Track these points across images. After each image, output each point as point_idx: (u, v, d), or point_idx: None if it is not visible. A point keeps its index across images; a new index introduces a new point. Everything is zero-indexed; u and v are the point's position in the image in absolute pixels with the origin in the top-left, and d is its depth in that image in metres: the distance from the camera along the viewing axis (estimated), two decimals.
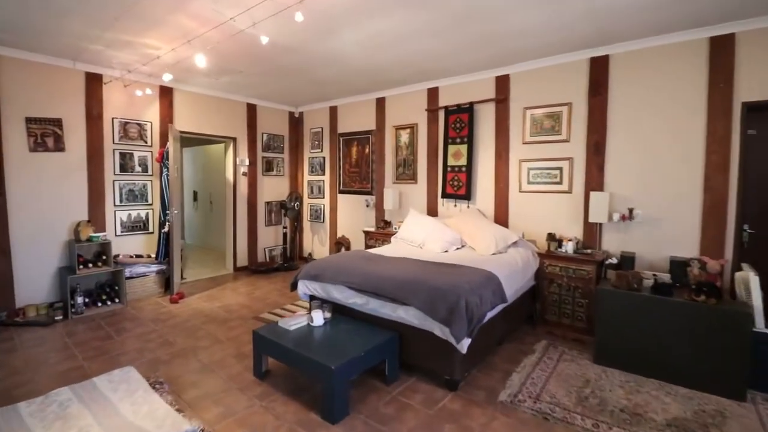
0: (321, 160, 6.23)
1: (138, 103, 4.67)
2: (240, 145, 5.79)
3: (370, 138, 5.53)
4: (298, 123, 6.60)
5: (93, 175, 4.34)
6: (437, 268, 2.98)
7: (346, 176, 5.87)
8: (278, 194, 6.36)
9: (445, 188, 4.66)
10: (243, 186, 5.86)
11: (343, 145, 5.88)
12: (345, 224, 5.95)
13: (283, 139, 6.39)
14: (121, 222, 4.59)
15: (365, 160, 5.61)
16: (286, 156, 6.47)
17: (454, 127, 4.55)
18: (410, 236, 4.21)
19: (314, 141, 6.33)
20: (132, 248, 4.67)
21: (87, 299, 4.09)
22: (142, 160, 4.72)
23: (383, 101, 5.34)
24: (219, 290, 4.87)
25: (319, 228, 6.35)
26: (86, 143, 4.28)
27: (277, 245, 6.37)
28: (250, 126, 5.90)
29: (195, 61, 3.23)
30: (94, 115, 4.32)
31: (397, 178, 5.23)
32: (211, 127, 5.43)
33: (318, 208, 6.32)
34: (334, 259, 3.35)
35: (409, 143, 5.07)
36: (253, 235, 6.02)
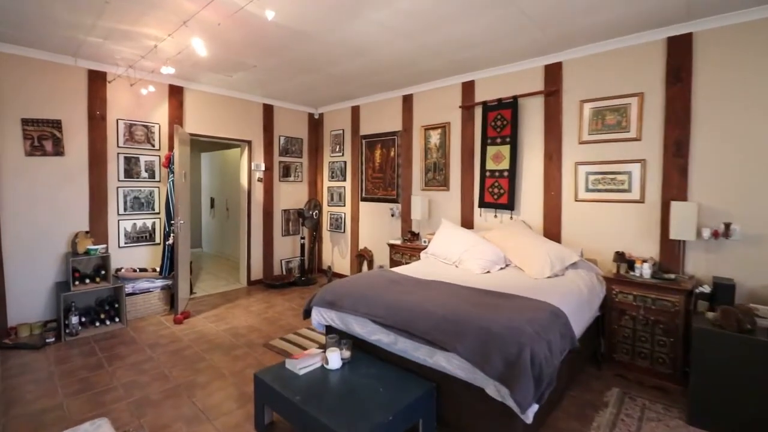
0: (342, 165, 5.73)
1: (145, 104, 4.31)
2: (255, 149, 5.37)
3: (395, 140, 4.99)
4: (317, 125, 6.14)
5: (95, 181, 3.98)
6: (483, 297, 2.38)
7: (369, 182, 5.34)
8: (296, 201, 5.90)
9: (483, 196, 4.04)
10: (258, 193, 5.43)
11: (366, 149, 5.37)
12: (367, 235, 5.41)
13: (301, 142, 5.95)
14: (125, 232, 4.21)
15: (390, 164, 5.07)
16: (304, 161, 6.01)
17: (494, 126, 3.94)
18: (443, 252, 3.61)
19: (335, 144, 5.85)
20: (136, 261, 4.29)
21: (84, 318, 3.71)
22: (148, 165, 4.35)
23: (410, 99, 4.79)
24: (229, 308, 4.41)
25: (339, 239, 5.84)
26: (88, 147, 3.93)
27: (295, 257, 5.89)
28: (267, 128, 5.47)
29: (193, 46, 2.77)
30: (96, 117, 3.97)
31: (426, 184, 4.66)
32: (225, 130, 5.03)
33: (338, 217, 5.81)
34: (354, 283, 2.80)
35: (440, 145, 4.50)
36: (269, 246, 5.57)
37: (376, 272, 3.15)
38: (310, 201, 5.54)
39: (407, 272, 3.17)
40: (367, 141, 5.34)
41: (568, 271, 3.02)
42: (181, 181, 4.06)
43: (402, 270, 3.27)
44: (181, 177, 4.09)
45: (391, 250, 4.50)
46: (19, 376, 2.86)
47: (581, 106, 3.43)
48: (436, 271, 3.21)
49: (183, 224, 4.03)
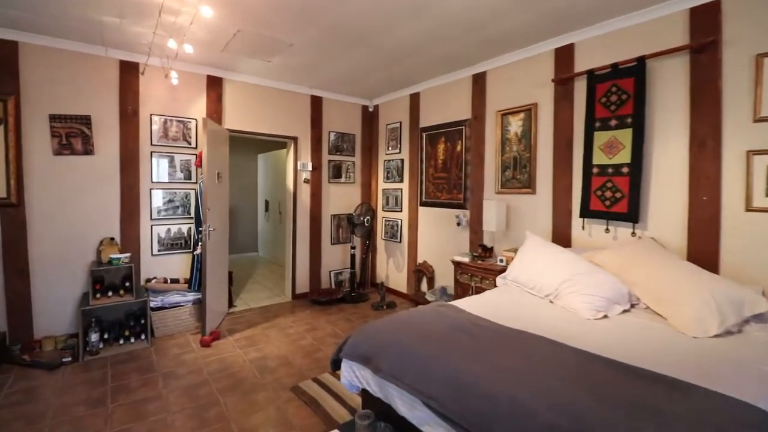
0: (398, 164, 4.92)
1: (181, 97, 3.90)
2: (302, 147, 4.78)
3: (463, 131, 4.04)
4: (372, 119, 5.40)
5: (126, 182, 3.63)
6: (622, 380, 1.37)
7: (430, 184, 4.45)
8: (347, 205, 5.21)
9: (587, 201, 2.93)
10: (305, 195, 4.83)
11: (427, 143, 4.48)
12: (428, 246, 4.51)
13: (354, 138, 5.24)
14: (159, 239, 3.82)
15: (456, 161, 4.13)
16: (357, 159, 5.30)
17: (605, 103, 2.82)
18: (532, 279, 2.61)
19: (391, 140, 5.05)
20: (170, 270, 3.88)
21: (108, 334, 3.34)
22: (184, 164, 3.93)
23: (482, 78, 3.81)
24: (266, 328, 3.81)
25: (395, 249, 5.02)
26: (119, 145, 3.59)
27: (345, 268, 5.20)
28: (315, 123, 4.85)
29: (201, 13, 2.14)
30: (128, 112, 3.62)
31: (502, 185, 3.64)
32: (268, 125, 4.49)
33: (394, 224, 5.00)
34: (400, 327, 1.94)
35: (523, 134, 3.46)
36: (317, 256, 4.94)
37: (436, 310, 2.24)
38: (361, 205, 4.79)
39: (480, 310, 2.23)
40: (428, 134, 4.46)
41: (749, 325, 1.85)
42: (213, 183, 3.55)
43: (472, 306, 2.34)
44: (214, 178, 3.58)
45: (456, 270, 3.56)
46: (15, 407, 2.47)
47: (758, 64, 2.20)
48: (522, 311, 2.23)
49: (214, 231, 3.51)
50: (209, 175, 3.42)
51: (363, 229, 4.78)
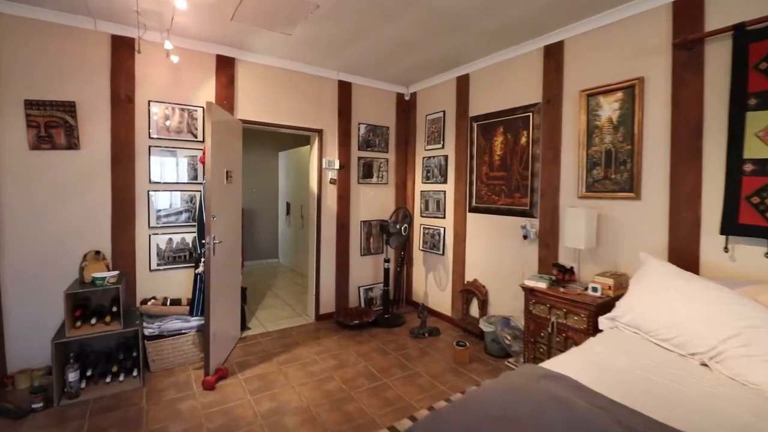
0: (441, 161, 4.12)
1: (186, 81, 3.25)
2: (328, 141, 4.06)
3: (529, 118, 3.21)
4: (409, 109, 4.63)
5: (119, 183, 3.00)
6: None
7: (483, 185, 3.64)
8: (380, 210, 4.46)
9: (734, 212, 2.06)
10: (331, 198, 4.11)
11: (480, 136, 3.67)
12: (479, 262, 3.70)
13: (387, 131, 4.49)
14: (158, 251, 3.19)
15: (519, 156, 3.31)
16: (391, 156, 4.55)
17: (766, 70, 1.95)
18: (665, 328, 1.77)
19: (432, 132, 4.27)
20: (171, 289, 3.24)
21: (92, 370, 2.71)
22: (190, 162, 3.29)
23: (559, 50, 2.97)
24: (282, 364, 3.11)
25: (436, 262, 4.23)
26: (110, 138, 2.97)
27: (376, 283, 4.46)
28: (343, 113, 4.13)
29: None
30: (122, 98, 2.99)
31: (589, 188, 2.79)
32: (289, 115, 3.80)
33: (435, 233, 4.21)
34: (486, 420, 1.16)
35: (621, 119, 2.61)
36: (344, 269, 4.21)
37: (539, 388, 1.43)
38: (397, 211, 4.03)
39: (596, 382, 1.42)
40: (481, 125, 3.65)
41: None
42: (220, 185, 2.87)
43: (584, 373, 1.52)
44: (222, 178, 2.91)
45: (528, 298, 2.74)
46: None
47: None
48: (665, 386, 1.42)
49: (221, 245, 2.83)
50: (215, 175, 2.73)
51: (399, 238, 4.02)
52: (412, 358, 3.22)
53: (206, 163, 2.65)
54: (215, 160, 2.74)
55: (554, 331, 2.54)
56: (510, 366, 3.02)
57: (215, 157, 2.73)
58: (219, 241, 2.78)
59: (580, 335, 2.39)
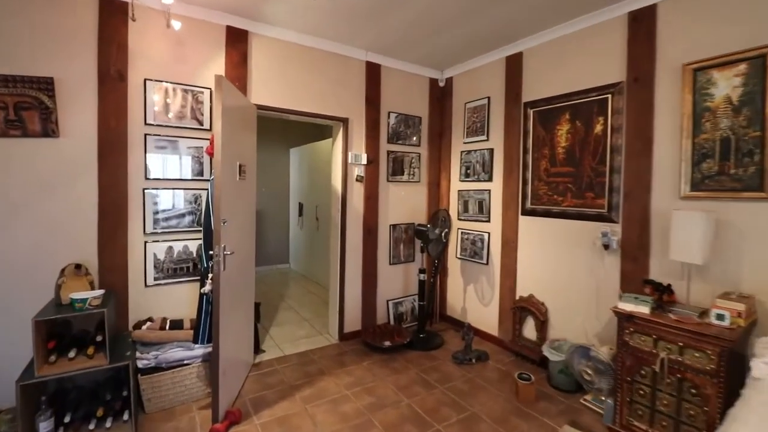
0: (485, 156, 3.55)
1: (190, 57, 2.70)
2: (354, 132, 3.50)
3: (607, 102, 2.64)
4: (443, 96, 4.06)
5: (108, 180, 2.45)
6: None
7: (541, 183, 3.06)
8: (411, 212, 3.90)
9: None
10: (357, 198, 3.54)
11: (537, 124, 3.10)
12: (538, 274, 3.12)
13: (419, 122, 3.92)
14: (156, 261, 2.63)
15: (593, 148, 2.73)
16: (423, 150, 3.98)
17: None
18: None
19: (473, 123, 3.69)
20: (172, 307, 2.69)
21: (73, 413, 2.15)
22: (195, 155, 2.73)
23: (651, 14, 2.40)
24: (307, 401, 2.54)
25: (477, 273, 3.66)
26: (97, 124, 2.42)
27: (407, 296, 3.89)
28: (371, 100, 3.56)
29: None
30: (111, 75, 2.44)
31: (696, 186, 2.21)
32: (310, 101, 3.24)
33: (477, 239, 3.64)
34: None
35: (744, 100, 2.03)
36: (371, 280, 3.65)
37: None
38: (436, 213, 3.44)
39: None
40: (540, 111, 3.07)
41: None
42: (232, 181, 2.31)
43: None
44: (234, 173, 2.35)
45: (623, 326, 2.15)
46: None
47: None
48: None
49: (232, 256, 2.27)
50: (225, 169, 2.17)
51: (439, 246, 3.44)
52: (464, 393, 2.65)
53: (215, 155, 2.09)
54: (226, 150, 2.17)
55: (664, 370, 1.96)
56: (590, 405, 2.44)
57: (226, 146, 2.17)
58: (230, 252, 2.22)
59: (706, 379, 1.82)
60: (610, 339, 2.56)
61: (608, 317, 2.60)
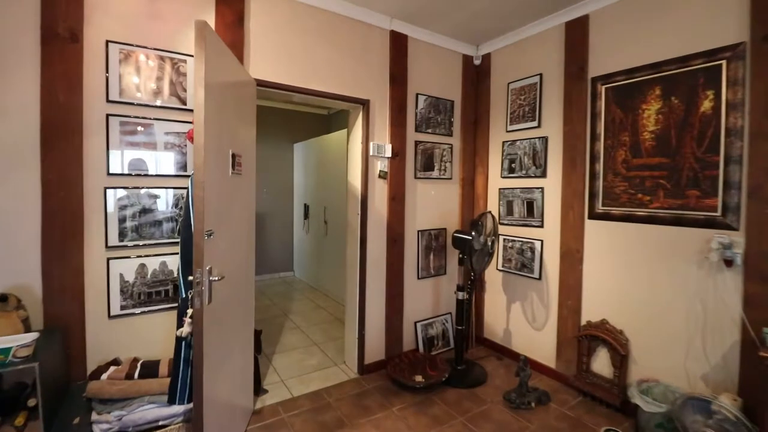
0: (536, 146, 2.90)
1: (167, 14, 2.06)
2: (377, 118, 2.85)
3: (720, 70, 1.98)
4: (479, 76, 3.40)
5: (56, 174, 1.81)
6: None
7: (620, 178, 2.41)
8: (441, 215, 3.25)
9: None
10: (380, 199, 2.90)
11: (613, 103, 2.44)
12: (615, 294, 2.47)
13: (451, 107, 3.27)
14: (123, 284, 1.99)
15: (697, 132, 2.07)
16: (456, 141, 3.33)
17: None
18: None
19: (519, 106, 3.04)
20: (144, 344, 2.04)
21: None
22: (176, 143, 2.09)
23: None
24: None
25: (526, 289, 3.00)
26: (40, 98, 1.78)
27: (439, 316, 3.24)
28: (397, 79, 2.92)
29: None
30: (60, 34, 1.80)
31: None
32: (323, 78, 2.59)
33: (525, 248, 2.98)
34: None
35: None
36: (397, 298, 3.00)
37: None
38: (482, 217, 2.75)
39: None
40: (616, 88, 2.42)
41: None
42: (222, 177, 1.67)
43: None
44: (226, 165, 1.70)
45: None
46: None
47: None
48: None
49: (223, 282, 1.62)
50: (211, 159, 1.52)
51: (485, 258, 2.78)
52: None
53: (195, 138, 1.44)
54: (212, 131, 1.53)
55: None
56: None
57: (212, 125, 1.52)
58: (218, 277, 1.57)
59: None
60: (726, 385, 1.91)
61: (723, 354, 1.95)
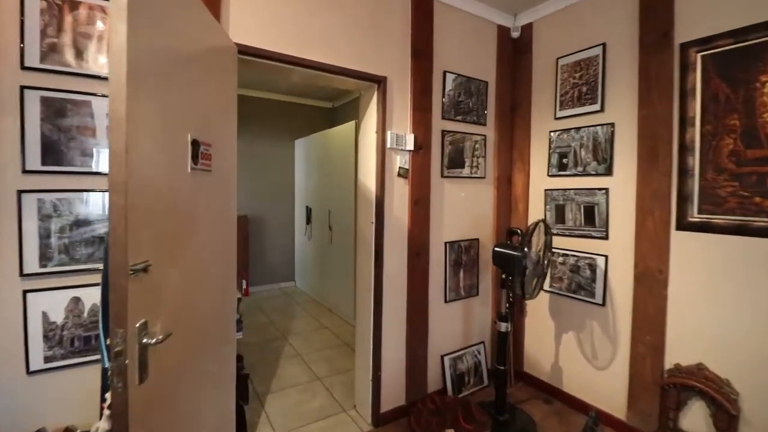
0: (597, 135, 2.29)
1: None
2: (395, 101, 2.25)
3: None
4: (518, 53, 2.79)
5: None
6: None
7: (723, 174, 1.79)
8: (473, 223, 2.65)
9: None
10: (399, 202, 2.30)
11: (714, 76, 1.82)
12: (714, 331, 1.85)
13: (485, 90, 2.67)
14: (47, 327, 1.41)
15: None
16: (490, 131, 2.72)
17: None
18: None
19: (573, 87, 2.43)
20: (82, 407, 1.46)
21: None
22: None
23: None
24: None
25: (584, 317, 2.39)
26: None
27: (469, 347, 2.65)
28: (420, 53, 2.32)
29: None
30: None
31: None
32: (327, 46, 2.00)
33: (583, 265, 2.37)
34: None
35: None
36: (420, 327, 2.40)
37: None
38: (535, 227, 2.11)
39: None
40: (720, 56, 1.80)
41: None
42: (176, 174, 1.08)
43: None
44: (181, 156, 1.11)
45: None
46: None
47: None
48: None
49: (173, 341, 1.03)
50: (146, 142, 0.93)
51: (537, 279, 2.16)
52: None
53: (112, 107, 0.85)
54: (151, 98, 0.94)
55: None
56: None
57: (152, 90, 0.93)
58: (162, 336, 0.97)
59: None
60: None
61: None
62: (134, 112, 0.86)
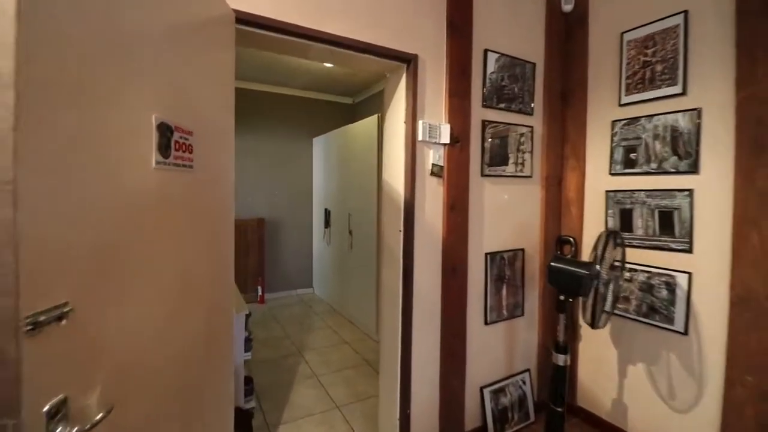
0: (678, 125, 1.86)
1: None
2: (428, 85, 1.89)
3: None
4: (571, 28, 2.38)
5: None
6: None
7: None
8: (517, 230, 2.26)
9: None
10: (432, 207, 1.93)
11: None
12: None
13: (531, 73, 2.26)
14: None
15: None
16: (537, 122, 2.32)
17: None
18: None
19: (644, 66, 2.00)
20: None
21: None
22: None
23: None
24: None
25: (658, 347, 1.96)
26: None
27: (513, 375, 2.25)
28: (457, 28, 1.95)
29: None
30: None
31: None
32: (348, 22, 1.65)
33: (658, 283, 1.94)
34: None
35: None
36: (456, 353, 2.02)
37: None
38: (608, 239, 1.71)
39: None
40: None
41: None
42: (128, 171, 0.75)
43: None
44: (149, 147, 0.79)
45: None
46: None
47: None
48: None
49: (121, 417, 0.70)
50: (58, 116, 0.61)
51: (605, 305, 1.75)
52: None
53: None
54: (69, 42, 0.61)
55: None
56: None
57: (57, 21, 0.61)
58: (101, 414, 0.65)
59: None
60: None
61: None
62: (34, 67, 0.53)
